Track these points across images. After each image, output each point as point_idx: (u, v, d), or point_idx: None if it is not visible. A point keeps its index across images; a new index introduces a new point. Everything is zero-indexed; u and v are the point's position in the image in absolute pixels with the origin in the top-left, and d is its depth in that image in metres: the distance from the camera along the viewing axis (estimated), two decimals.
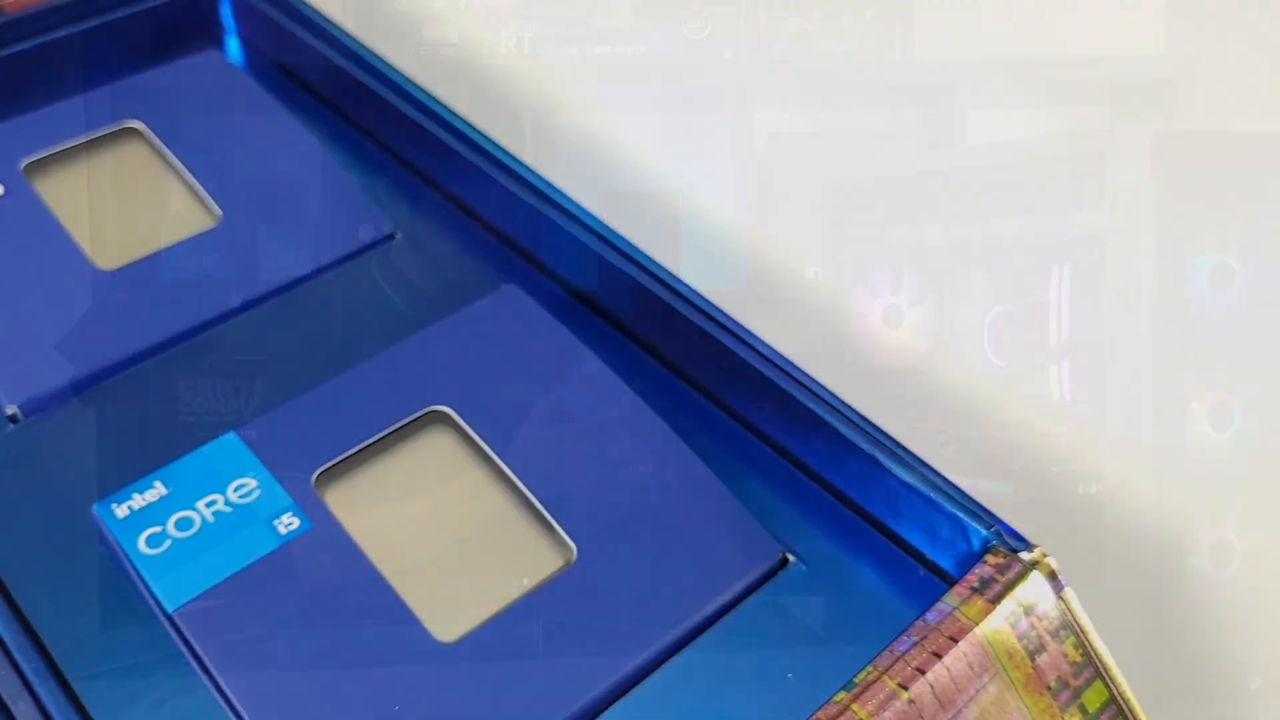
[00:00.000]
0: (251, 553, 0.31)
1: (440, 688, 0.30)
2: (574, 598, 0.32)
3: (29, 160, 0.43)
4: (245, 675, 0.29)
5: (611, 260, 0.40)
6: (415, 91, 0.46)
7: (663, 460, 0.35)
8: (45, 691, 0.28)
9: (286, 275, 0.42)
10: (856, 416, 0.35)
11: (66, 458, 0.36)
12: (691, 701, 0.31)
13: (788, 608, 0.33)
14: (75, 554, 0.33)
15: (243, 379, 0.39)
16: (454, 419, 0.35)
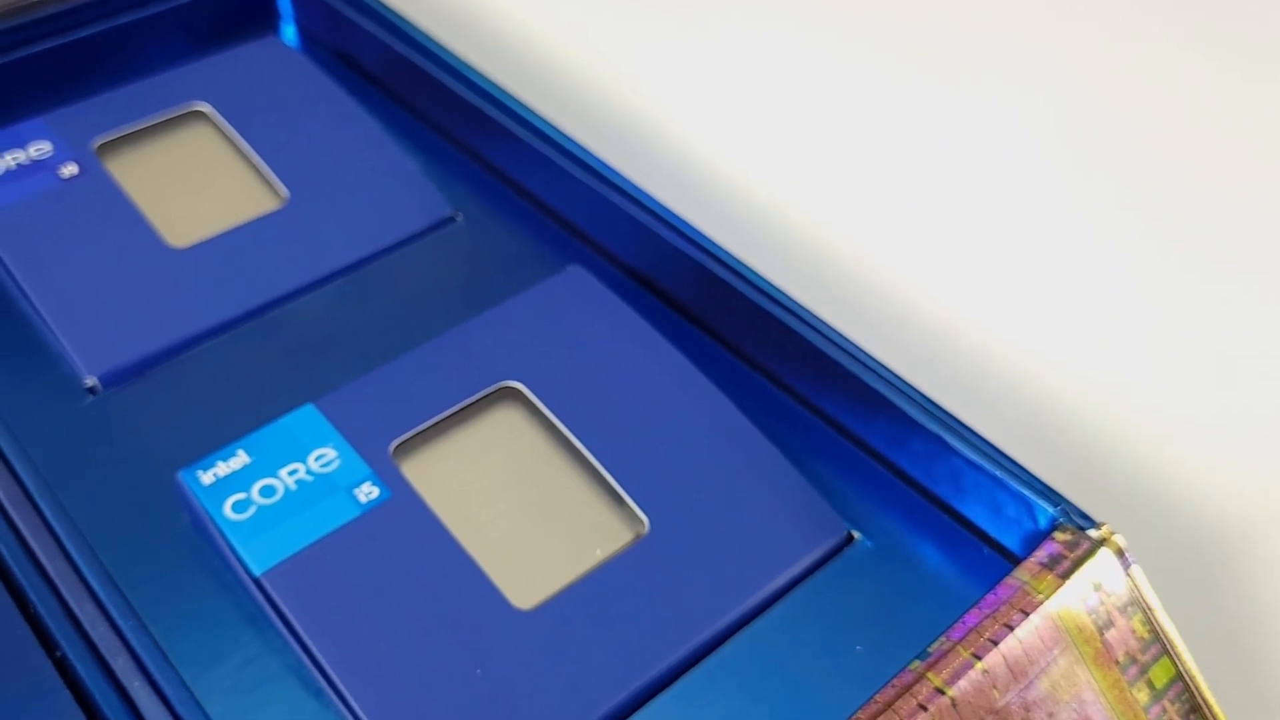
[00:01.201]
0: (334, 520, 0.32)
1: (518, 653, 0.30)
2: (647, 569, 0.32)
3: (100, 141, 0.44)
4: (331, 636, 0.30)
5: (673, 242, 0.40)
6: (475, 77, 0.47)
7: (730, 438, 0.36)
8: (141, 647, 0.29)
9: (351, 255, 0.42)
10: (920, 396, 0.36)
11: (145, 428, 0.37)
12: (762, 671, 0.31)
13: (854, 583, 0.34)
14: (159, 520, 0.34)
15: (312, 355, 0.39)
16: (525, 395, 0.36)
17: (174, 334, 0.39)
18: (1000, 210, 0.38)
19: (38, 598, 0.30)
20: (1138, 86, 0.33)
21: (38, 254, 0.40)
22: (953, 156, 0.40)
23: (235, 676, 0.31)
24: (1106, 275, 0.37)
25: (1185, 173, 0.34)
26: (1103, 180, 0.36)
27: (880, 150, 0.41)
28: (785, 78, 0.43)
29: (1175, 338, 0.35)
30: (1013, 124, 0.38)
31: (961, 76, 0.38)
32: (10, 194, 0.42)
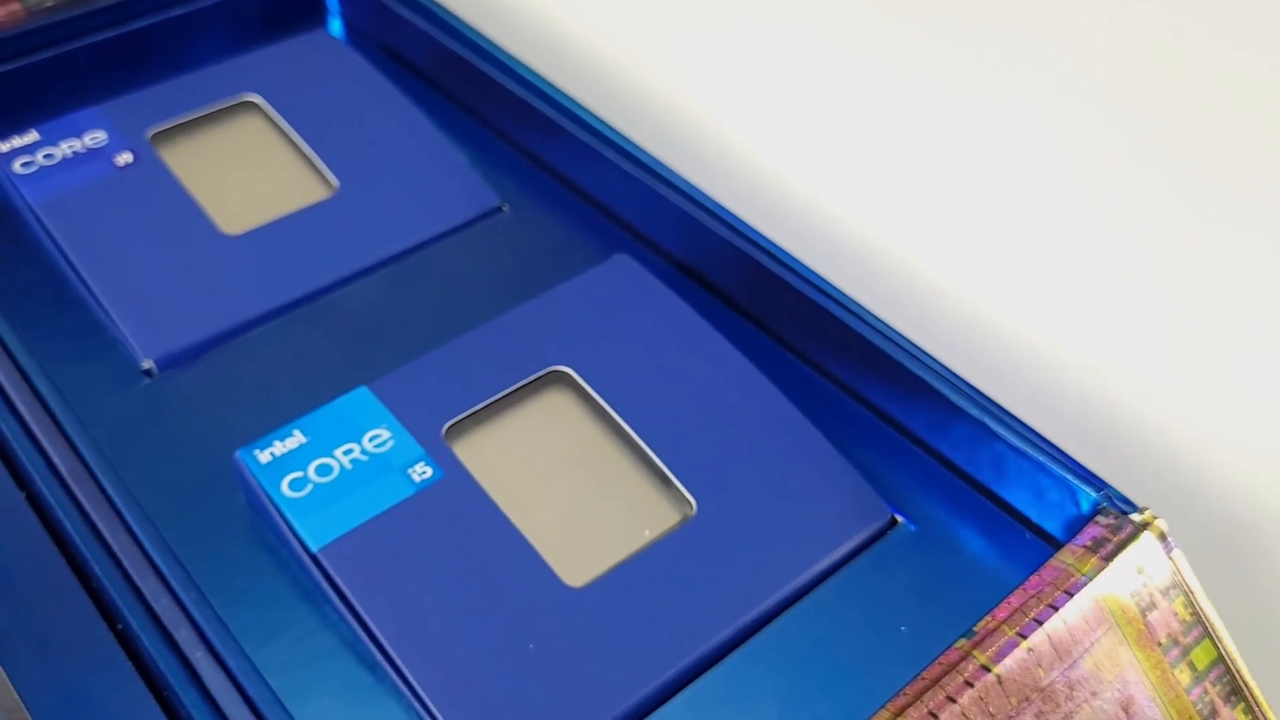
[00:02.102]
0: (388, 498, 0.33)
1: (570, 629, 0.31)
2: (695, 550, 0.33)
3: (154, 130, 0.45)
4: (387, 611, 0.31)
5: (719, 233, 0.41)
6: (523, 70, 0.47)
7: (775, 423, 0.36)
8: (203, 619, 0.30)
9: (400, 244, 0.43)
10: (963, 383, 0.36)
11: (200, 409, 0.38)
12: (809, 649, 0.32)
13: (897, 565, 0.34)
14: (215, 498, 0.35)
15: (362, 340, 0.40)
16: (574, 379, 0.36)
17: (228, 319, 0.40)
18: (1039, 203, 0.39)
19: (102, 571, 0.31)
20: (1176, 83, 0.33)
21: (94, 240, 0.41)
22: (991, 152, 0.40)
23: (292, 650, 0.31)
24: (1146, 263, 0.37)
25: (1212, 160, 0.34)
26: (1136, 168, 0.36)
27: (921, 147, 0.42)
28: (823, 74, 0.44)
29: (1215, 325, 0.36)
30: (1052, 118, 0.38)
31: (1002, 75, 0.38)
32: (67, 182, 0.43)
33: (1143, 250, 0.37)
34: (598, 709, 0.30)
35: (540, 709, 0.29)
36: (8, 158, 0.43)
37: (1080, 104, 0.36)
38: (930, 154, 0.42)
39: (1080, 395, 0.40)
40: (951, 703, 0.28)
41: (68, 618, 0.32)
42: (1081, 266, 0.39)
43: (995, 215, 0.40)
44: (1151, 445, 0.38)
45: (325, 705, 0.30)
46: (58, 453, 0.33)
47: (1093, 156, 0.37)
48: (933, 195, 0.41)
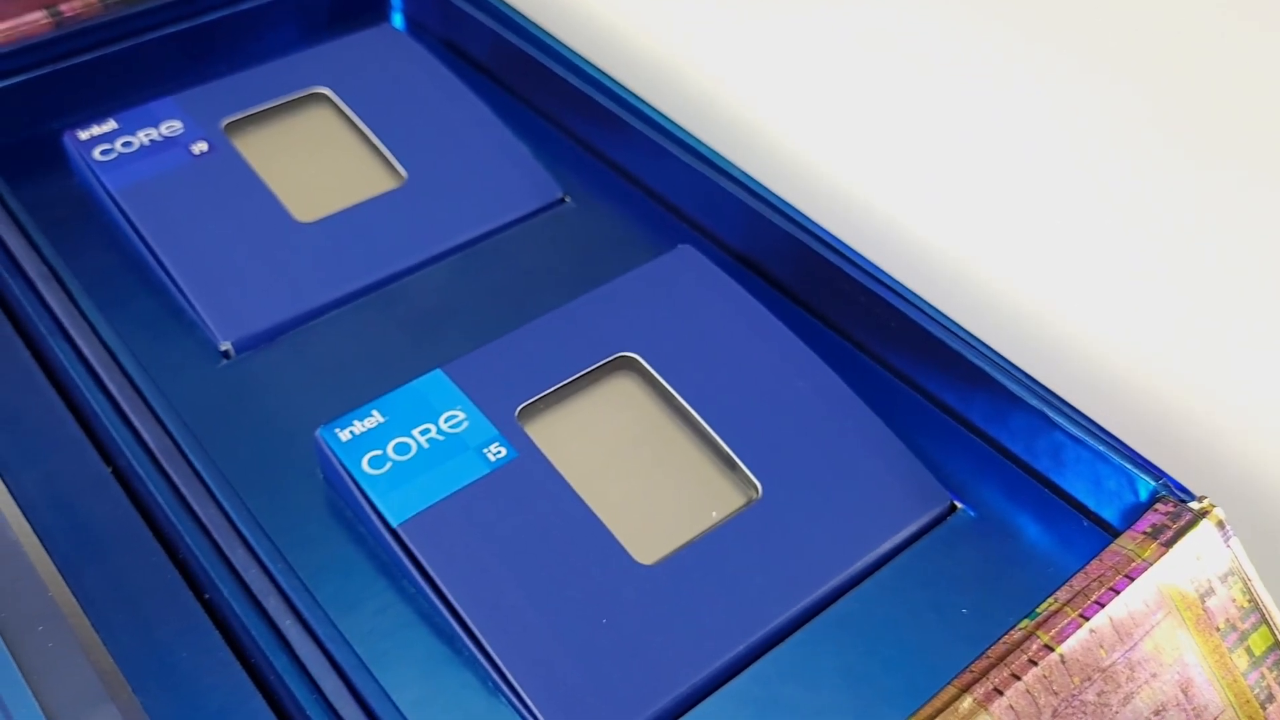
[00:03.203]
0: (465, 476, 0.34)
1: (642, 605, 0.32)
2: (761, 531, 0.34)
3: (228, 120, 0.46)
4: (466, 584, 0.32)
5: (779, 225, 0.42)
6: (584, 65, 0.48)
7: (837, 410, 0.37)
8: (291, 589, 0.31)
9: (467, 233, 0.44)
10: (1021, 374, 0.37)
11: (276, 390, 0.39)
12: (873, 629, 0.33)
13: (957, 550, 0.35)
14: (293, 474, 0.36)
15: (431, 326, 0.41)
16: (641, 364, 0.37)
17: (302, 303, 0.41)
18: (1095, 196, 0.39)
19: (193, 542, 0.32)
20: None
21: (173, 226, 0.42)
22: (1045, 147, 0.41)
23: (373, 621, 0.33)
24: (1196, 255, 0.38)
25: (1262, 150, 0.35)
26: (1191, 162, 0.37)
27: (976, 143, 0.43)
28: (878, 70, 0.44)
29: (1270, 320, 0.36)
30: (1111, 114, 0.39)
31: (1067, 70, 0.39)
32: (146, 169, 0.44)
33: (1197, 245, 0.38)
34: (669, 682, 0.31)
35: (614, 681, 0.30)
36: (87, 145, 0.44)
37: (1143, 100, 0.37)
38: (985, 149, 0.43)
39: (1131, 387, 0.41)
40: (1016, 680, 0.28)
41: (156, 586, 0.33)
42: (1136, 261, 0.40)
43: (1052, 210, 0.41)
44: (1203, 437, 0.39)
45: (406, 674, 0.31)
46: (147, 430, 0.34)
47: (1146, 151, 0.38)
48: (988, 190, 0.42)
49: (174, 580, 0.33)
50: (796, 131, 0.48)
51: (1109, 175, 0.40)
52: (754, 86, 0.50)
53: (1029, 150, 0.41)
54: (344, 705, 0.28)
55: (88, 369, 0.36)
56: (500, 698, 0.31)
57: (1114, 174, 0.39)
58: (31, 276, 0.38)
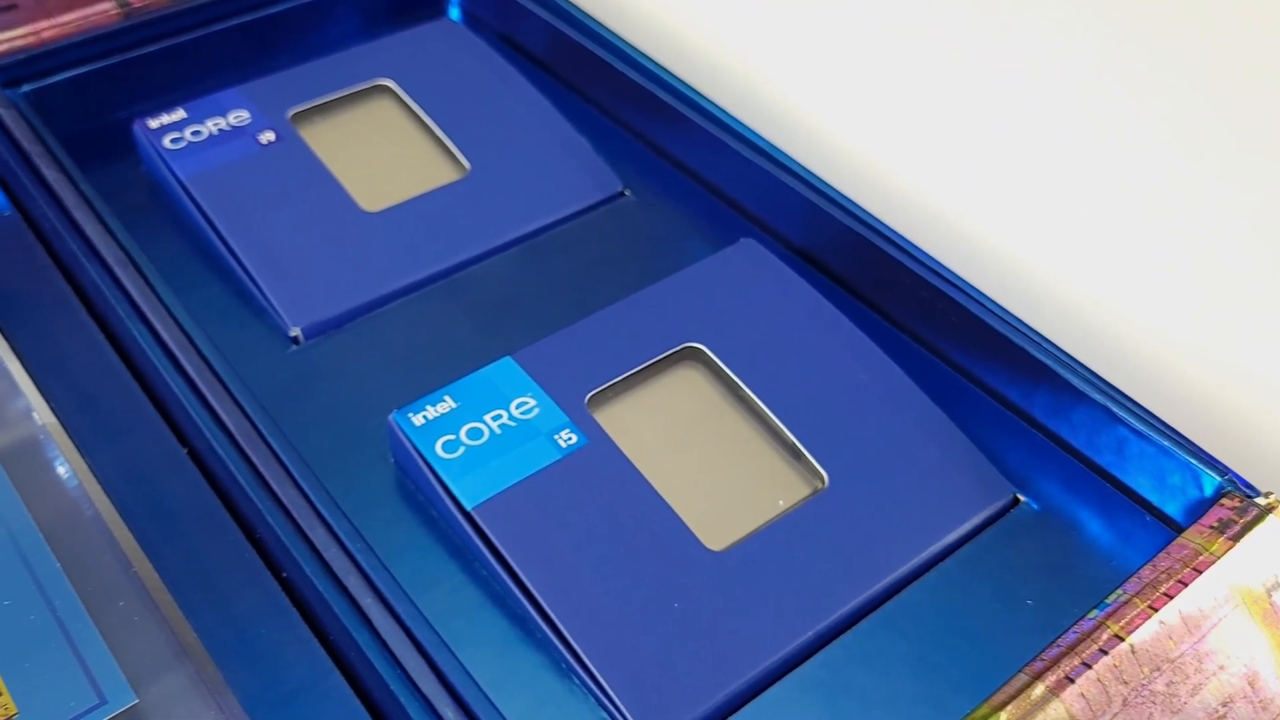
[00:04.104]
0: (537, 461, 0.34)
1: (712, 590, 0.33)
2: (827, 520, 0.34)
3: (294, 111, 0.47)
4: (540, 566, 0.32)
5: (839, 219, 0.42)
6: (643, 59, 0.49)
7: (900, 402, 0.37)
8: (370, 569, 0.32)
9: (529, 225, 0.45)
10: (1084, 369, 0.37)
11: (345, 375, 0.39)
12: (939, 618, 0.33)
13: (1021, 542, 0.35)
14: (365, 458, 0.37)
15: (496, 315, 0.42)
16: (707, 355, 0.38)
17: (369, 291, 0.42)
18: (1156, 193, 0.40)
19: (274, 521, 0.33)
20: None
21: (242, 213, 0.43)
22: (1103, 144, 0.41)
23: (447, 602, 0.33)
24: (1261, 252, 0.38)
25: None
26: (1256, 160, 0.37)
27: (1034, 140, 0.43)
28: (936, 69, 0.45)
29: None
30: (1183, 109, 0.39)
31: (1133, 68, 0.39)
32: (215, 158, 0.45)
33: (1263, 242, 0.38)
34: (740, 666, 0.31)
35: (685, 664, 0.31)
36: (157, 134, 0.45)
37: (1206, 97, 0.37)
38: (1046, 144, 0.43)
39: (1193, 382, 0.41)
40: (1087, 668, 0.29)
41: (234, 565, 0.34)
42: (1200, 256, 0.40)
43: (1115, 206, 0.41)
44: (1268, 433, 0.39)
45: (481, 654, 0.32)
46: (225, 412, 0.35)
47: (1209, 142, 0.38)
48: (1049, 186, 0.42)
49: (251, 559, 0.34)
50: (853, 126, 0.48)
51: (1174, 171, 0.40)
52: (809, 80, 0.51)
53: (1092, 146, 0.41)
54: (426, 682, 0.29)
55: (166, 353, 0.37)
56: (573, 679, 0.31)
57: (1179, 170, 0.40)
58: (109, 262, 0.39)
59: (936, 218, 0.45)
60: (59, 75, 0.47)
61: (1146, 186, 0.41)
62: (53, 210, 0.41)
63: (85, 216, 0.40)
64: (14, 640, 0.30)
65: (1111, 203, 0.42)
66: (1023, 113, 0.43)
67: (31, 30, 0.47)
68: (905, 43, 0.46)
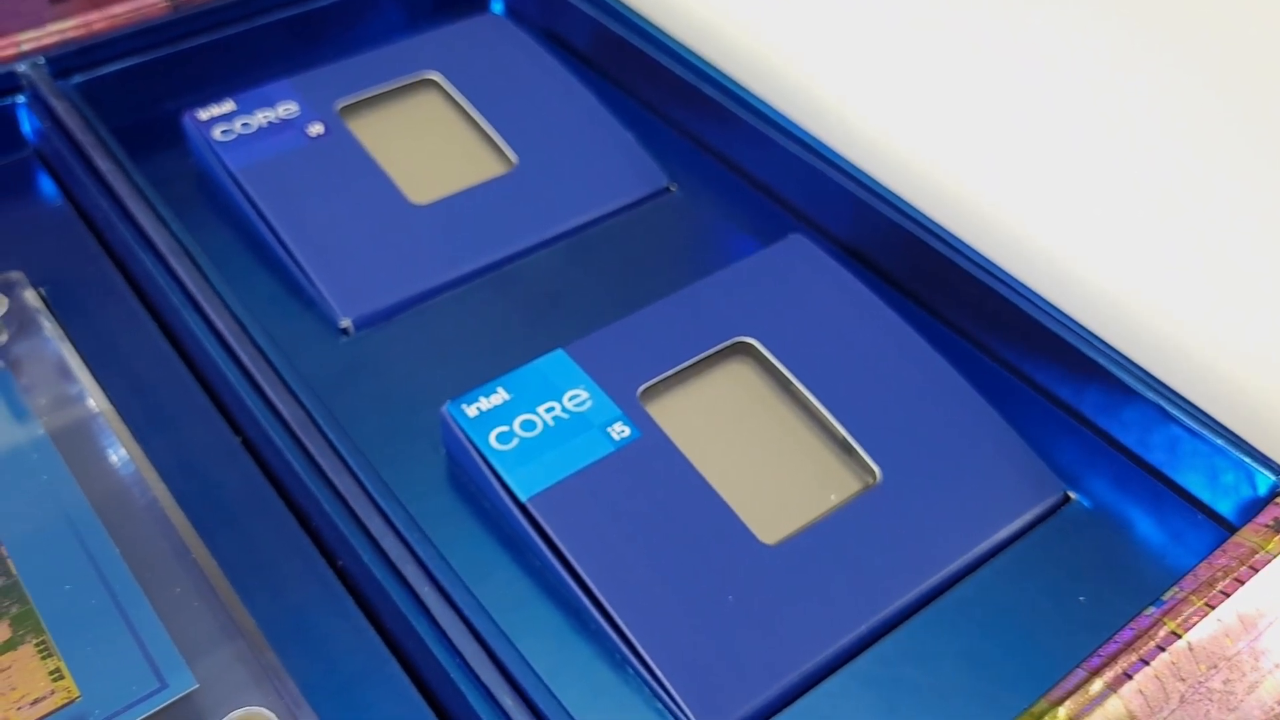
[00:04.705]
0: (590, 454, 0.35)
1: (766, 583, 0.33)
2: (879, 515, 0.34)
3: (342, 103, 0.47)
4: (595, 558, 0.33)
5: (887, 215, 0.42)
6: (689, 55, 0.49)
7: (950, 398, 0.37)
8: (428, 558, 0.32)
9: (576, 219, 0.45)
10: (1135, 367, 0.37)
11: (396, 366, 0.40)
12: (992, 614, 0.33)
13: (1072, 540, 0.35)
14: (416, 448, 0.37)
15: (544, 308, 0.42)
16: (758, 349, 0.38)
17: (419, 283, 0.42)
18: (1205, 192, 0.40)
19: (330, 510, 0.33)
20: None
21: (292, 205, 0.43)
22: (1168, 144, 0.41)
23: (501, 592, 0.33)
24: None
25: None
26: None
27: (1083, 138, 0.43)
28: (985, 67, 0.45)
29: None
30: (1236, 110, 0.39)
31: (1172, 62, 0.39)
32: (265, 150, 0.45)
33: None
34: (795, 659, 0.31)
35: (740, 656, 0.31)
36: (207, 126, 0.46)
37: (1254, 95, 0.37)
38: (1095, 144, 0.43)
39: (1242, 381, 0.41)
40: (1145, 665, 0.29)
41: (289, 552, 0.34)
42: (1248, 255, 0.40)
43: (1166, 206, 0.41)
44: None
45: (536, 644, 0.32)
46: (281, 401, 0.35)
47: (1253, 146, 0.38)
48: (1101, 185, 0.42)
49: (306, 547, 0.34)
50: (900, 123, 0.48)
51: (1224, 173, 0.40)
52: (854, 77, 0.51)
53: (1145, 146, 0.41)
54: (485, 671, 0.29)
55: (220, 342, 0.37)
56: (628, 670, 0.32)
57: (1228, 172, 0.40)
58: (163, 252, 0.39)
59: (979, 212, 0.45)
60: (108, 67, 0.48)
61: (1202, 188, 0.41)
62: (105, 200, 0.42)
63: (138, 206, 0.41)
64: (75, 625, 0.31)
65: (1166, 203, 0.42)
66: (1069, 108, 0.43)
67: (83, 22, 0.47)
68: (929, 35, 0.46)
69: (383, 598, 0.32)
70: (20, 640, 0.30)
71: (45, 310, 0.39)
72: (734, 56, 0.53)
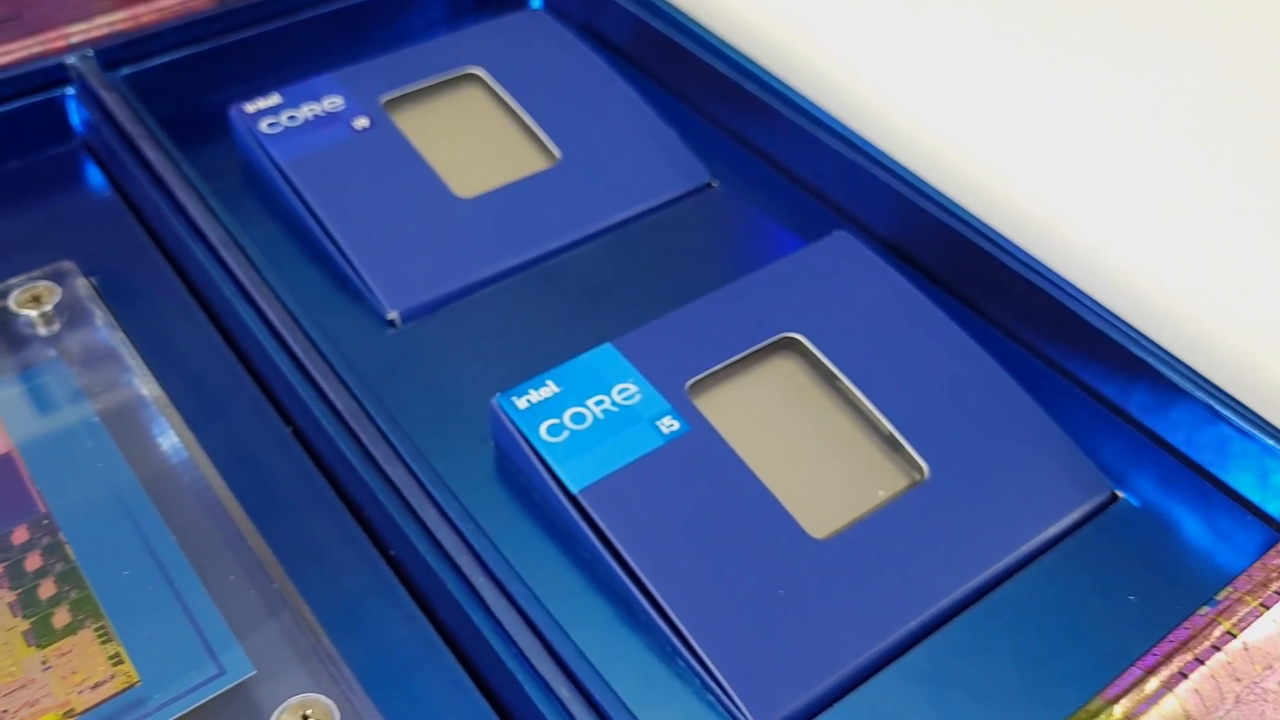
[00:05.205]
0: (640, 447, 0.35)
1: (816, 578, 0.33)
2: (928, 512, 0.35)
3: (387, 97, 0.48)
4: (646, 550, 0.33)
5: (931, 213, 0.42)
6: (730, 51, 0.49)
7: (997, 396, 0.37)
8: (482, 549, 0.32)
9: (619, 214, 0.45)
10: (1184, 366, 0.37)
11: (442, 359, 0.40)
12: (1041, 612, 0.33)
13: (1121, 538, 0.35)
14: (465, 440, 0.37)
15: (589, 302, 0.42)
16: (805, 345, 0.38)
17: (465, 276, 0.42)
18: (1255, 192, 0.40)
19: (385, 500, 0.33)
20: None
21: (340, 198, 0.44)
22: (1210, 140, 0.41)
23: (553, 583, 0.34)
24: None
25: None
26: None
27: (1130, 140, 0.43)
28: (1032, 68, 0.45)
29: None
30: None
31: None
32: (311, 143, 0.45)
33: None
34: (846, 653, 0.31)
35: (792, 650, 0.31)
36: (254, 118, 0.46)
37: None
38: (1140, 139, 0.43)
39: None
40: (1200, 664, 0.29)
41: (342, 542, 0.34)
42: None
43: (1213, 203, 0.41)
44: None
45: (588, 634, 0.32)
46: (333, 392, 0.35)
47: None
48: (1146, 181, 0.42)
49: (359, 537, 0.35)
50: (941, 119, 0.48)
51: (1268, 173, 0.40)
52: (894, 73, 0.51)
53: (1189, 141, 0.41)
54: (541, 662, 0.29)
55: (272, 333, 0.37)
56: (679, 662, 0.32)
57: (1273, 171, 0.40)
58: (213, 243, 0.40)
59: (1021, 209, 0.45)
60: (155, 59, 0.48)
61: (1252, 185, 0.41)
62: (155, 191, 0.42)
63: (188, 197, 0.41)
64: (134, 610, 0.31)
65: (1215, 200, 0.42)
66: (1116, 108, 0.43)
67: (130, 15, 0.47)
68: (968, 31, 0.46)
69: (437, 588, 0.32)
70: (80, 625, 0.31)
71: (96, 299, 0.39)
72: (773, 52, 0.53)
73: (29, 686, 0.29)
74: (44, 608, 0.31)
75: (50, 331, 0.38)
